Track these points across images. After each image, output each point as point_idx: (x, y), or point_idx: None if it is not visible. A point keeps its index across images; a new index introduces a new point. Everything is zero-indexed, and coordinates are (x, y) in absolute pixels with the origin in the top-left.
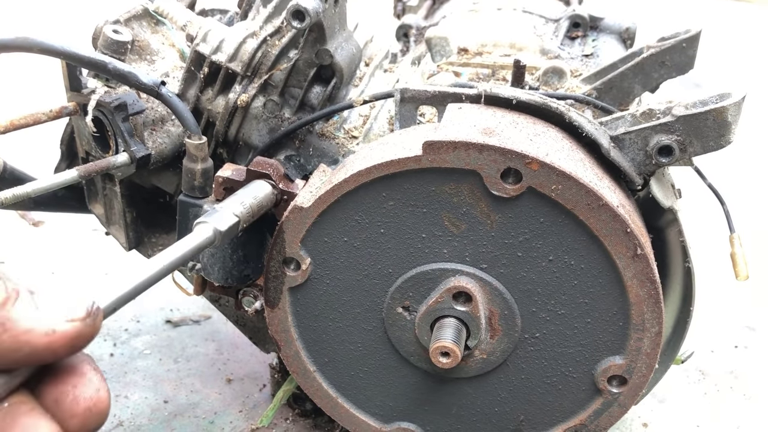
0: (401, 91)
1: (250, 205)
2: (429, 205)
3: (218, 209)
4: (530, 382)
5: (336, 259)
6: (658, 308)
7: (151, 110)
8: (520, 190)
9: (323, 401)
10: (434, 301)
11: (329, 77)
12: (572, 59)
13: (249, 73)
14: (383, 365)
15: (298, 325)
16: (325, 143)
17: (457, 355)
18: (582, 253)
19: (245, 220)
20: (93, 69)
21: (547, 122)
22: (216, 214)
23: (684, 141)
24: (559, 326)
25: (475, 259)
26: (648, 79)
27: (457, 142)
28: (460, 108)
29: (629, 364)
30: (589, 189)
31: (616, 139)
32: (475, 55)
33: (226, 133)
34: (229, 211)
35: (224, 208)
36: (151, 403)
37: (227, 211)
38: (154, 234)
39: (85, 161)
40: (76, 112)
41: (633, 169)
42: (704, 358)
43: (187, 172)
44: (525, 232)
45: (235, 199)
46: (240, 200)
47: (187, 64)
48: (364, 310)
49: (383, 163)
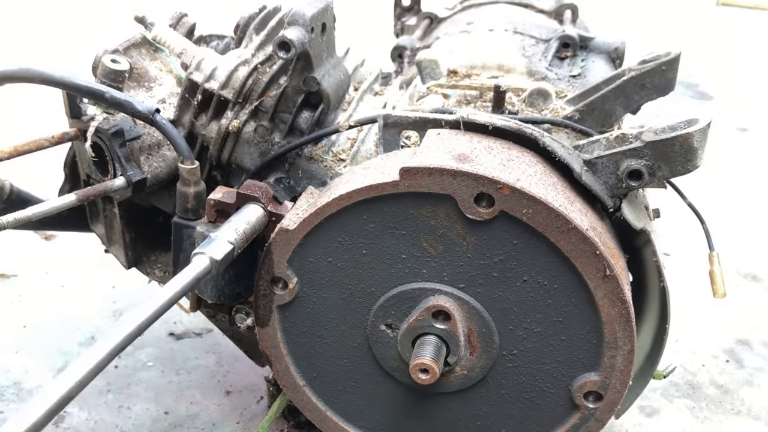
0: (384, 117)
1: (244, 231)
2: (408, 228)
3: (213, 238)
4: (510, 397)
5: (321, 278)
6: (630, 327)
7: (148, 135)
8: (493, 213)
9: (313, 414)
10: (415, 320)
11: (317, 103)
12: (559, 80)
13: (240, 100)
14: (369, 380)
15: (287, 341)
16: (314, 166)
17: (435, 372)
18: (554, 274)
19: (239, 246)
20: (91, 98)
21: (522, 147)
22: (212, 244)
23: (653, 165)
24: (536, 343)
25: (453, 278)
26: (629, 101)
27: (432, 168)
28: (438, 134)
29: (604, 380)
30: (559, 213)
31: (590, 162)
32: (464, 77)
33: (220, 157)
34: (224, 240)
35: (219, 237)
36: (152, 414)
37: (222, 240)
38: (153, 252)
39: (87, 183)
40: (76, 137)
41: (605, 192)
42: (694, 373)
43: (181, 195)
44: (500, 253)
45: (229, 226)
46: (234, 227)
47: (181, 91)
48: (350, 327)
49: (363, 187)
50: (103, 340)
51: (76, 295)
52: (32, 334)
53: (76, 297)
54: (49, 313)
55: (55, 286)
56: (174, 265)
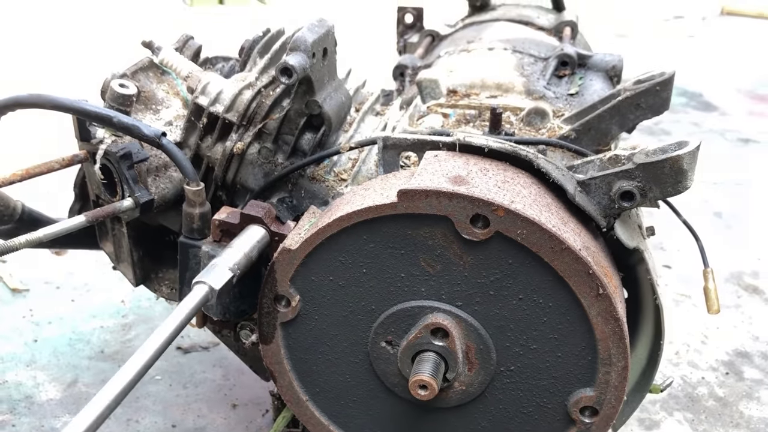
0: (383, 139)
1: (245, 254)
2: (406, 247)
3: (214, 265)
4: (508, 412)
5: (323, 296)
6: (623, 344)
7: (155, 157)
8: (488, 234)
9: (316, 429)
10: (414, 337)
11: (319, 125)
12: (557, 99)
13: (245, 123)
14: (371, 395)
15: (290, 357)
16: (316, 186)
17: (434, 388)
18: (549, 293)
19: (241, 271)
20: (100, 123)
21: (518, 168)
22: (212, 272)
23: (644, 187)
24: (532, 360)
25: (451, 297)
26: (624, 121)
27: (429, 190)
28: (435, 156)
29: (599, 396)
30: (552, 234)
31: (583, 183)
32: (463, 96)
33: (224, 178)
34: (224, 267)
35: (219, 264)
36: (160, 427)
37: (222, 268)
38: (161, 269)
39: (96, 203)
40: (86, 159)
41: (599, 212)
42: (694, 385)
43: (186, 215)
44: (496, 272)
45: (230, 252)
46: (236, 251)
47: (187, 114)
48: (351, 344)
49: (362, 209)
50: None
51: (87, 310)
52: (43, 349)
53: (86, 311)
54: (60, 328)
55: (65, 301)
56: (180, 283)
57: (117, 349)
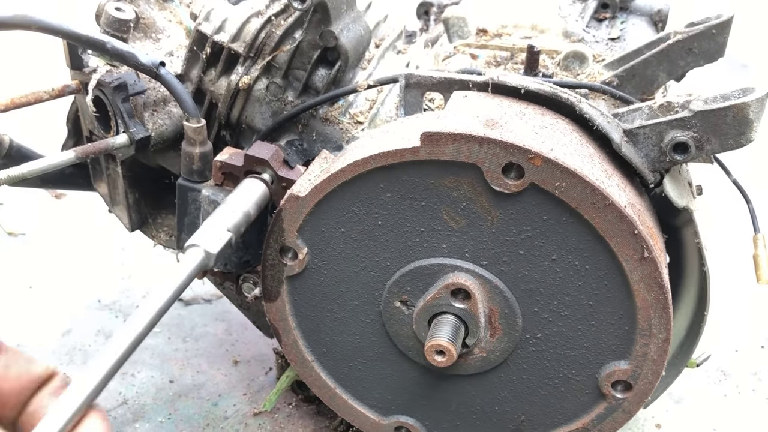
0: (406, 76)
1: (243, 213)
2: (428, 199)
3: (209, 227)
4: (531, 382)
5: (333, 249)
6: (666, 314)
7: (153, 91)
8: (522, 186)
9: (321, 391)
10: (432, 297)
11: (334, 60)
12: (597, 43)
13: (252, 54)
14: (381, 358)
15: (296, 314)
16: (329, 128)
17: (452, 354)
18: (587, 254)
19: (238, 231)
20: (91, 48)
21: (557, 113)
22: (207, 234)
23: (701, 138)
24: (562, 328)
25: (475, 255)
26: (674, 67)
27: (456, 134)
28: (465, 96)
29: (635, 370)
30: (595, 187)
31: (630, 133)
32: (494, 36)
33: (229, 116)
34: (221, 229)
35: (214, 225)
36: (156, 382)
37: (219, 229)
38: (159, 214)
39: (90, 140)
40: (78, 90)
41: (646, 165)
42: (727, 358)
43: (186, 155)
44: (527, 229)
45: (225, 209)
46: (231, 209)
47: (189, 43)
48: (362, 302)
49: (381, 153)
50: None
51: (85, 257)
52: (38, 295)
53: (84, 258)
54: (57, 275)
55: (63, 247)
56: (178, 230)
57: (115, 299)
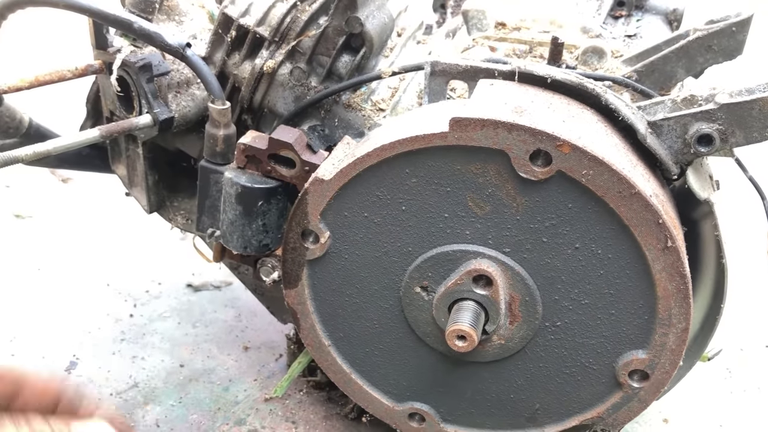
0: (432, 63)
1: None
2: (453, 185)
3: None
4: (548, 371)
5: (355, 234)
6: (687, 304)
7: (177, 72)
8: (549, 173)
9: (336, 376)
10: (453, 283)
11: (359, 46)
12: (614, 39)
13: (277, 39)
14: (399, 344)
15: (314, 298)
16: (351, 114)
17: (473, 339)
18: (610, 243)
19: None
20: (118, 28)
21: (583, 104)
22: None
23: (726, 130)
24: (582, 316)
25: (498, 242)
26: (692, 64)
27: (485, 119)
28: (491, 84)
29: (652, 359)
30: (622, 176)
31: (654, 125)
32: (513, 30)
33: (252, 100)
34: None
35: None
36: (167, 366)
37: None
38: (176, 198)
39: (110, 121)
40: (101, 70)
41: (670, 157)
42: (732, 356)
43: (210, 137)
44: (552, 217)
45: None
46: None
47: (214, 26)
48: (382, 287)
49: (408, 138)
50: None
51: (92, 239)
52: (46, 278)
53: (91, 241)
54: (65, 257)
55: (70, 229)
56: (199, 212)
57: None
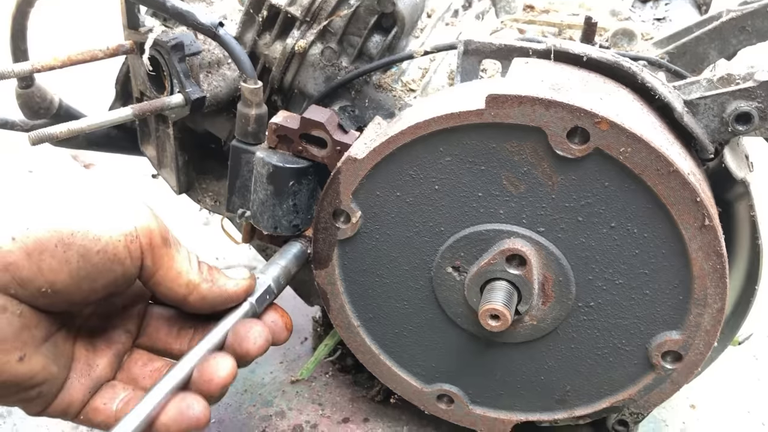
0: (465, 42)
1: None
2: (488, 163)
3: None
4: (580, 352)
5: (387, 213)
6: (723, 283)
7: (208, 52)
8: (586, 151)
9: (365, 357)
10: (486, 263)
11: (390, 26)
12: (643, 22)
13: (308, 19)
14: (429, 325)
15: (345, 278)
16: (382, 95)
17: (507, 318)
18: (646, 221)
19: (279, 285)
20: (151, 6)
21: (617, 83)
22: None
23: (765, 108)
24: (616, 296)
25: (533, 221)
26: (725, 45)
27: (523, 96)
28: (526, 62)
29: (686, 340)
30: (660, 153)
31: (690, 104)
32: (542, 12)
33: (282, 80)
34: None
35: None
36: None
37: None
38: (204, 180)
39: (140, 101)
40: (132, 50)
41: (706, 136)
42: (759, 342)
43: (241, 117)
44: (588, 195)
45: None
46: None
47: (245, 6)
48: (413, 267)
49: (443, 115)
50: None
51: None
52: None
53: None
54: None
55: None
56: (229, 192)
57: None
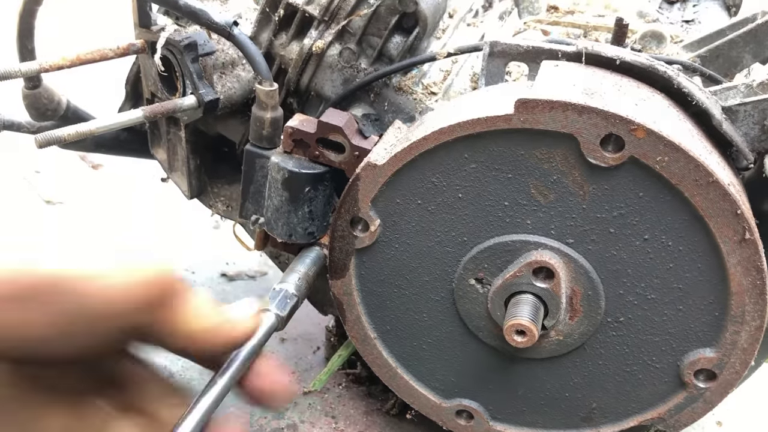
0: (491, 44)
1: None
2: (516, 171)
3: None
4: (608, 369)
5: (407, 222)
6: (763, 300)
7: (222, 53)
8: (620, 159)
9: (382, 370)
10: (512, 275)
11: (411, 27)
12: (671, 24)
13: (326, 18)
14: (449, 339)
15: (362, 288)
16: (402, 98)
17: (533, 334)
18: (682, 234)
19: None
20: (163, 5)
21: (652, 87)
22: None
23: None
24: (647, 312)
25: (562, 232)
26: (761, 49)
27: (554, 101)
28: (556, 65)
29: (721, 359)
30: (699, 163)
31: (729, 110)
32: (566, 13)
33: (298, 82)
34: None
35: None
36: None
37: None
38: (216, 185)
39: (150, 102)
40: (143, 50)
41: (746, 144)
42: None
43: (256, 120)
44: (621, 206)
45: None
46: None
47: (261, 5)
48: (433, 278)
49: (469, 120)
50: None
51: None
52: None
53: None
54: None
55: (101, 217)
56: (243, 198)
57: None
